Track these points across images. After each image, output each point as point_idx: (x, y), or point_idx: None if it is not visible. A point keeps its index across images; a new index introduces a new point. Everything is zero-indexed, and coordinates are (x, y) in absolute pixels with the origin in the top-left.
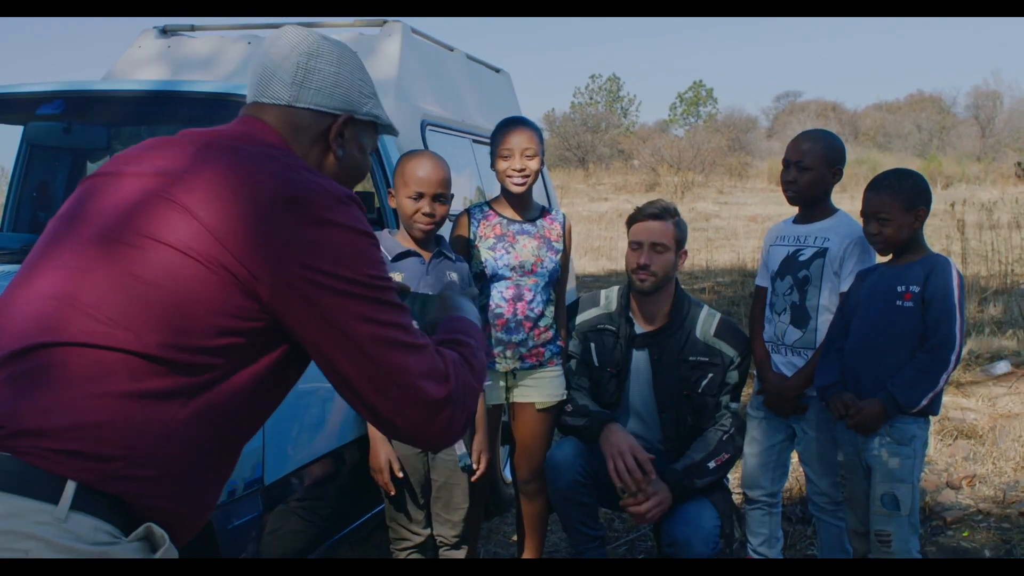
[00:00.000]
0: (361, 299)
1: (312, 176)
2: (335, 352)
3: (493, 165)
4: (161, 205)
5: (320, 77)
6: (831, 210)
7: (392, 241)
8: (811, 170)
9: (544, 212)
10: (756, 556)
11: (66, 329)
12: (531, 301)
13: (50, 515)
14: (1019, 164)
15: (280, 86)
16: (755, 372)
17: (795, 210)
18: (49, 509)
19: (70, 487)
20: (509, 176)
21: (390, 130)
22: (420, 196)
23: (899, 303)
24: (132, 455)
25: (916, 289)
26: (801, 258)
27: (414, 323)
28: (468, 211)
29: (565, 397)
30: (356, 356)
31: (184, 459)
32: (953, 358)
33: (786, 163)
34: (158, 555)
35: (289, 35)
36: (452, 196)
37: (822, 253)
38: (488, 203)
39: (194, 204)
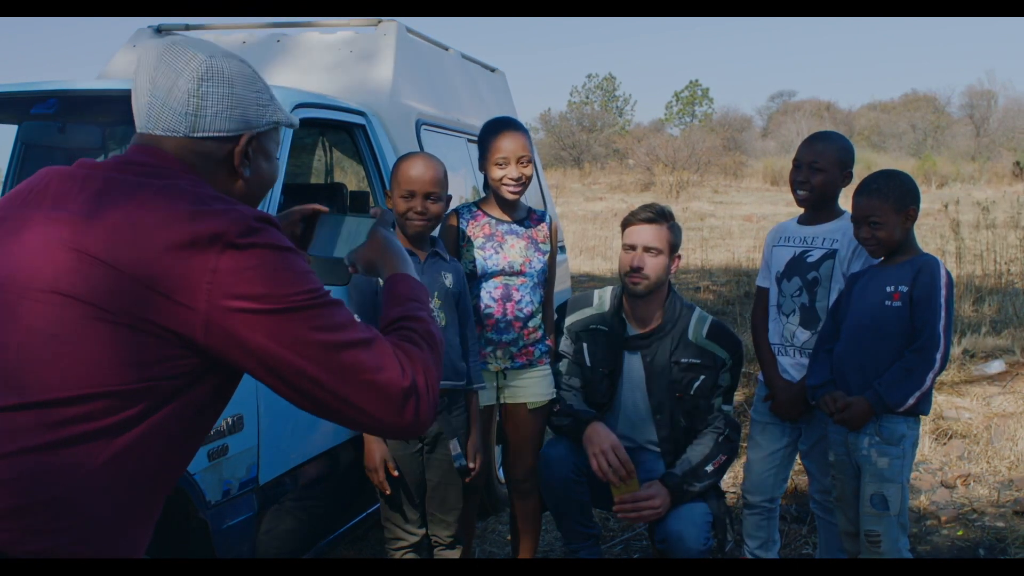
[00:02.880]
0: (300, 311)
1: (223, 205)
2: (288, 371)
3: (483, 168)
4: (68, 255)
5: (215, 102)
6: (838, 212)
7: None
8: (824, 171)
9: (531, 213)
10: (752, 559)
11: None
12: (520, 301)
13: None
14: (1017, 164)
15: (174, 117)
16: (760, 376)
17: (791, 210)
18: None
19: None
20: (506, 184)
21: (291, 124)
22: (412, 195)
23: (888, 303)
24: (49, 505)
25: (904, 289)
26: (809, 259)
27: (347, 264)
28: (456, 211)
29: (555, 396)
30: (312, 368)
31: (107, 502)
32: (939, 357)
33: (798, 164)
34: None
35: (171, 58)
36: (449, 197)
37: (831, 255)
38: (476, 203)
39: (104, 252)
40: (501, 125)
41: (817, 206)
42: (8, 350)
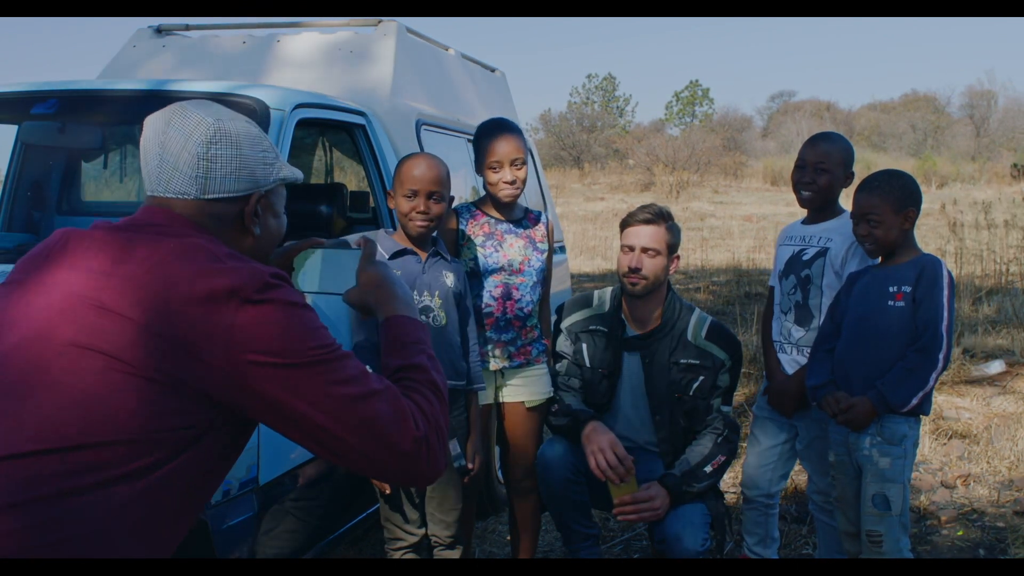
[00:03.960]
0: (317, 365)
1: (239, 262)
2: (305, 423)
3: (479, 171)
4: (89, 310)
5: (223, 164)
6: (838, 211)
7: (389, 240)
8: (829, 172)
9: (528, 213)
10: (752, 555)
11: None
12: (520, 300)
13: None
14: (1015, 165)
15: (184, 181)
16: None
17: (791, 210)
18: None
19: None
20: (501, 188)
21: (296, 180)
22: (414, 194)
23: (890, 303)
24: (67, 548)
25: (907, 289)
26: (804, 258)
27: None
28: (456, 210)
29: (552, 395)
30: (328, 421)
31: (126, 543)
32: (941, 357)
33: (802, 165)
34: None
35: (180, 122)
36: (452, 197)
37: (823, 253)
38: (475, 203)
39: (124, 306)
40: (494, 128)
41: (820, 207)
42: (30, 400)
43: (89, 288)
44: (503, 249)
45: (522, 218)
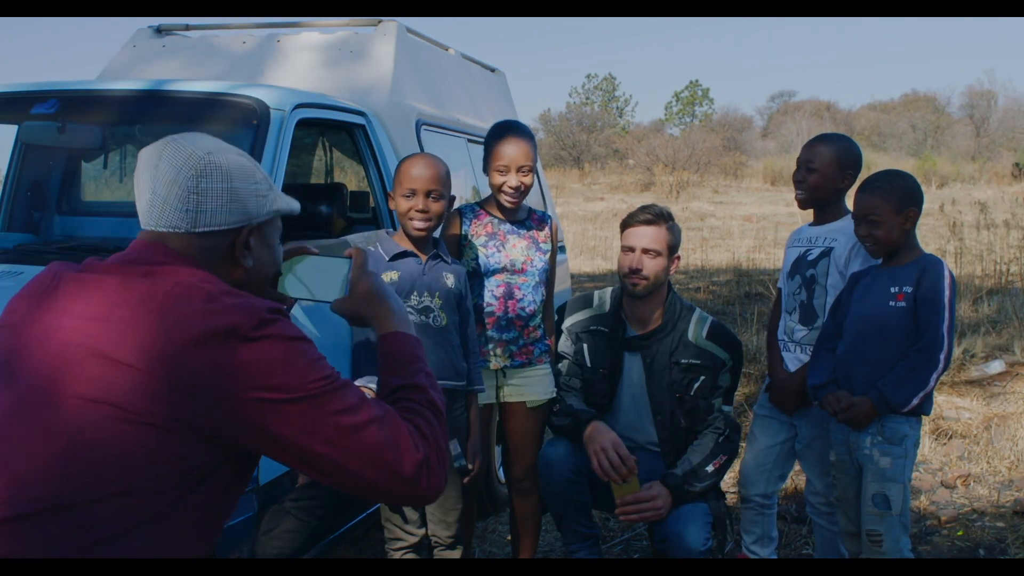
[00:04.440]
0: (317, 398)
1: (235, 299)
2: (309, 455)
3: (486, 171)
4: (90, 360)
5: (213, 198)
6: (843, 211)
7: (390, 242)
8: (818, 172)
9: (531, 213)
10: (749, 554)
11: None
12: (522, 300)
13: None
14: (1017, 165)
15: (175, 215)
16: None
17: (791, 210)
18: None
19: None
20: (504, 193)
21: (291, 211)
22: (413, 193)
23: (892, 304)
24: None
25: (909, 290)
26: (809, 258)
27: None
28: (460, 210)
29: (554, 395)
30: (332, 452)
31: None
32: (942, 358)
33: (798, 164)
34: None
35: (171, 156)
36: (452, 197)
37: (827, 253)
38: (479, 203)
39: (124, 354)
40: (506, 130)
41: (818, 207)
42: (42, 458)
43: (87, 336)
44: (505, 249)
45: (525, 219)
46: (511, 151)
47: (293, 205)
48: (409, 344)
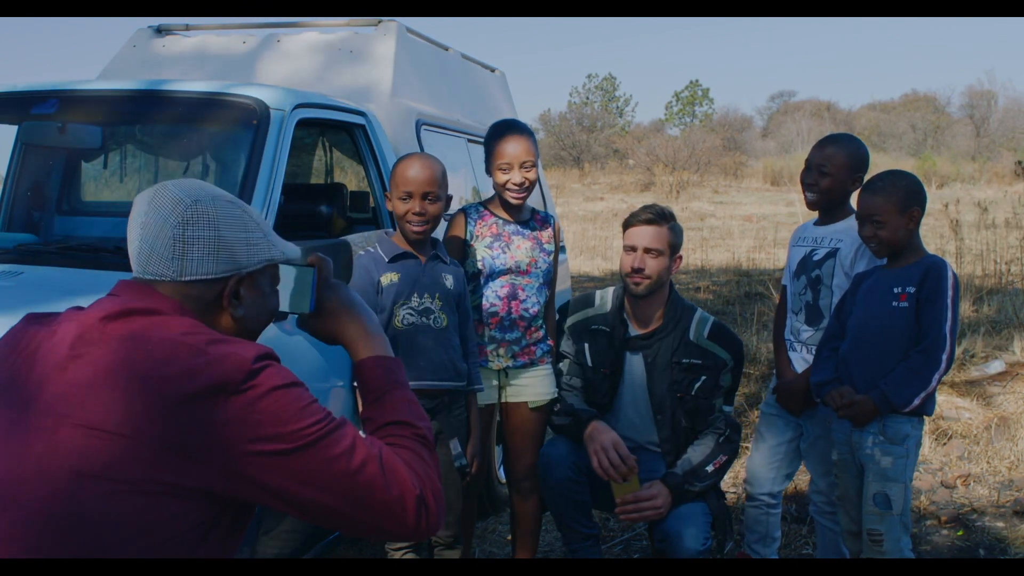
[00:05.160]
0: (312, 446)
1: (221, 349)
2: (307, 503)
3: (488, 171)
4: (76, 433)
5: (200, 246)
6: (848, 212)
7: (389, 243)
8: (831, 176)
9: (535, 214)
10: (751, 553)
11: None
12: (525, 301)
13: None
14: (1019, 163)
15: (161, 262)
16: (774, 370)
17: (791, 210)
18: None
19: None
20: (509, 189)
21: (286, 261)
22: (409, 196)
23: (895, 304)
24: None
25: (912, 290)
26: (815, 258)
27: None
28: (464, 211)
29: (556, 395)
30: (329, 498)
31: None
32: (944, 358)
33: (808, 166)
34: None
35: (159, 202)
36: (449, 197)
37: (833, 253)
38: (483, 204)
39: (110, 423)
40: (505, 128)
41: (826, 208)
42: (37, 536)
43: (73, 408)
44: (510, 250)
45: (529, 219)
46: (513, 148)
47: (289, 252)
48: (386, 370)
